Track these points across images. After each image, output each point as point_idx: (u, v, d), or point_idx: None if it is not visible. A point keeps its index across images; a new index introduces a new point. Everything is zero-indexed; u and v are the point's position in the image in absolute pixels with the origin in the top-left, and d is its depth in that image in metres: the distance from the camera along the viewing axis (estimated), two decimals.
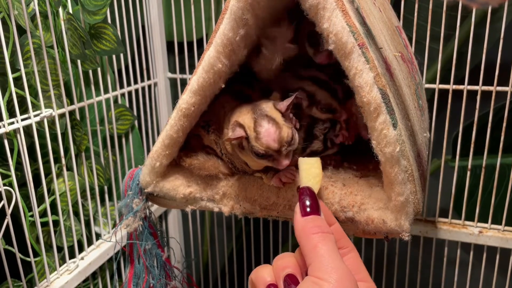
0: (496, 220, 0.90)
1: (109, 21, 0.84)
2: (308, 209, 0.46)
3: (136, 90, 1.00)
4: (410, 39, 0.86)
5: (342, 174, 0.63)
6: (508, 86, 0.82)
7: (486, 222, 0.90)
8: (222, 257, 1.25)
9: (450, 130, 0.89)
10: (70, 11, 0.78)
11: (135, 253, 0.73)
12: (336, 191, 0.59)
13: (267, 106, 0.57)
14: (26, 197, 0.76)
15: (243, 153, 0.58)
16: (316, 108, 0.63)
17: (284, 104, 0.56)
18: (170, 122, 0.62)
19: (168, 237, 1.16)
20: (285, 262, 0.45)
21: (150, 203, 0.71)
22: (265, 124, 0.54)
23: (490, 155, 0.87)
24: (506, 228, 0.88)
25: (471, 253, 0.91)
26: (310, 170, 0.52)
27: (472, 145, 0.86)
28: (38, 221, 0.74)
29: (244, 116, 0.56)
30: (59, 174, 0.81)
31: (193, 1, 0.98)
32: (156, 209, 1.03)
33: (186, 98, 0.60)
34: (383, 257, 1.04)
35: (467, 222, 0.92)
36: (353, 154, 0.68)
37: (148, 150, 1.03)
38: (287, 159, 0.55)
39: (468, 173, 0.88)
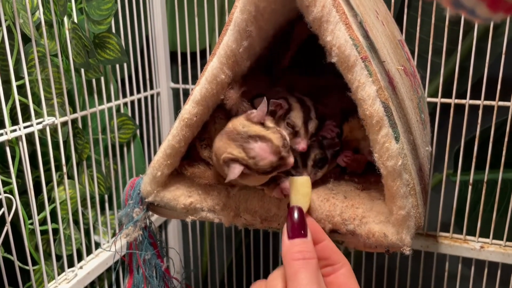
0: (498, 235, 0.89)
1: (114, 30, 0.85)
2: (295, 231, 0.46)
3: (139, 100, 1.00)
4: (412, 53, 0.87)
5: (343, 186, 0.63)
6: (510, 101, 0.82)
7: (488, 237, 0.89)
8: (221, 268, 1.25)
9: (452, 144, 0.89)
10: (75, 20, 0.78)
11: (134, 263, 0.73)
12: (337, 204, 0.59)
13: (243, 125, 0.55)
14: (26, 205, 0.75)
15: (247, 178, 0.56)
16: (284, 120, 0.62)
17: (258, 114, 0.55)
18: (172, 132, 0.62)
19: (168, 248, 1.15)
20: (274, 284, 0.46)
21: (150, 212, 0.71)
22: (255, 145, 0.53)
23: (491, 170, 0.86)
24: (508, 243, 0.88)
25: (472, 268, 0.91)
26: (299, 189, 0.52)
27: (473, 160, 0.86)
28: (38, 229, 0.74)
29: (230, 149, 0.55)
30: (60, 182, 0.81)
31: (197, 13, 0.99)
32: (156, 219, 1.03)
33: (188, 108, 0.60)
34: (384, 272, 1.04)
35: (468, 237, 0.91)
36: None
37: (150, 160, 1.03)
38: (291, 156, 0.54)
39: (470, 187, 0.88)
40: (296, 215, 0.48)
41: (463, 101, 0.86)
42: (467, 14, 0.31)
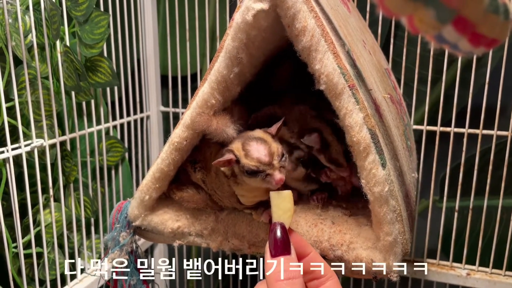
0: (484, 262, 0.90)
1: (105, 53, 0.86)
2: (278, 249, 0.45)
3: (129, 123, 1.00)
4: (398, 81, 0.89)
5: (331, 211, 0.63)
6: (493, 129, 0.84)
7: (474, 264, 0.90)
8: None
9: (438, 171, 0.90)
10: (68, 43, 0.79)
11: None
12: (325, 229, 0.59)
13: (256, 132, 0.57)
14: (10, 228, 0.74)
15: (237, 183, 0.57)
16: (324, 156, 0.62)
17: (274, 127, 0.57)
18: (162, 156, 0.62)
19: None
20: None
21: (137, 237, 0.70)
22: (254, 143, 0.54)
23: (477, 197, 0.88)
24: (494, 270, 0.88)
25: None
26: (281, 204, 0.50)
27: (459, 187, 0.87)
28: (22, 253, 0.73)
29: (233, 145, 0.56)
30: (46, 205, 0.80)
31: (189, 37, 1.01)
32: (142, 243, 1.02)
33: (178, 132, 0.60)
34: None
35: (455, 264, 0.91)
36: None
37: (137, 183, 1.03)
38: (281, 174, 0.53)
39: (456, 214, 0.89)
40: (278, 232, 0.46)
41: (448, 129, 0.87)
42: (450, 48, 0.33)
